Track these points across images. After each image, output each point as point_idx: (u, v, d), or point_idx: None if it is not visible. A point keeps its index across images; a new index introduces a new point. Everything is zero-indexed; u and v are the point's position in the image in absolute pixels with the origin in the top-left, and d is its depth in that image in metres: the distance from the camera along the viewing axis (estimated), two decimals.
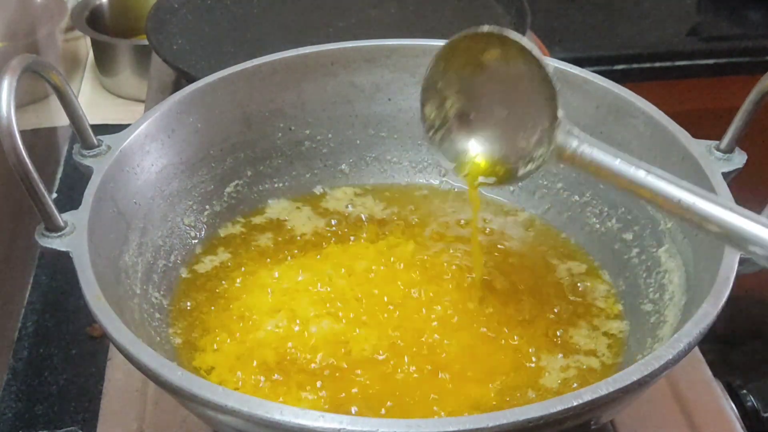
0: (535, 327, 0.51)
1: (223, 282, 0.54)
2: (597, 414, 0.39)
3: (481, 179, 0.48)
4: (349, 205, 0.61)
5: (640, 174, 0.40)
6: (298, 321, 0.51)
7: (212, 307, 0.53)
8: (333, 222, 0.59)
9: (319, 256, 0.56)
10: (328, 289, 0.53)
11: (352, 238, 0.58)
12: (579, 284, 0.54)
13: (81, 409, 0.69)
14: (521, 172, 0.46)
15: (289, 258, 0.56)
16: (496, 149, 0.47)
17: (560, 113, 0.42)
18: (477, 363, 0.48)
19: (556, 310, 0.52)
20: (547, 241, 0.58)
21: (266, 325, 0.51)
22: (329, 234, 0.58)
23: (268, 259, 0.56)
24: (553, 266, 0.56)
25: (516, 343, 0.50)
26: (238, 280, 0.55)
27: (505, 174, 0.47)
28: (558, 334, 0.51)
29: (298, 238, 0.58)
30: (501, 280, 0.54)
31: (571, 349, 0.50)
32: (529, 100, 0.44)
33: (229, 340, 0.50)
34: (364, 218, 0.60)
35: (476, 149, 0.48)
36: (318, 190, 0.62)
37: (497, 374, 0.48)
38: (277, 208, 0.60)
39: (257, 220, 0.59)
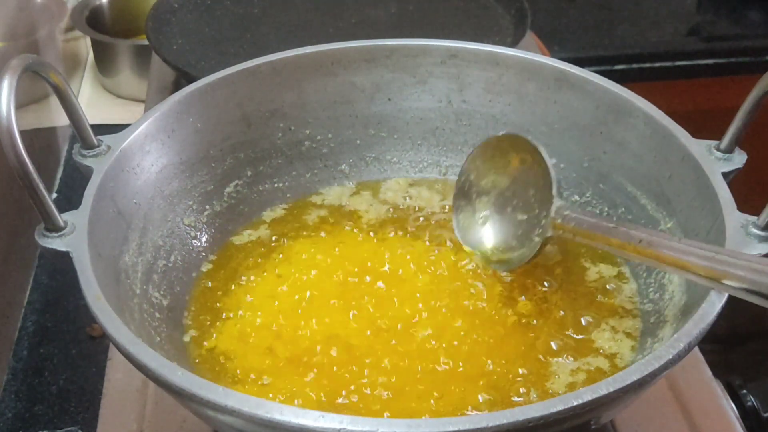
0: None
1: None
2: (597, 414, 0.39)
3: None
4: (407, 197, 0.61)
5: (610, 225, 0.47)
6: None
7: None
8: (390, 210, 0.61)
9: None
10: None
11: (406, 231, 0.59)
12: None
13: (81, 409, 0.69)
14: (528, 254, 0.52)
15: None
16: (506, 240, 0.54)
17: (554, 191, 0.50)
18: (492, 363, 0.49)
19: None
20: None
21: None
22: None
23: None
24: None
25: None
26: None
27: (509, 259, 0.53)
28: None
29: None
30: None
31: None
32: (537, 189, 0.52)
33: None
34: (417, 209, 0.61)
35: (490, 241, 0.55)
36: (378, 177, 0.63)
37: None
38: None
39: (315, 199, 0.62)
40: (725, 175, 0.47)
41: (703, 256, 0.41)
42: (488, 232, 0.55)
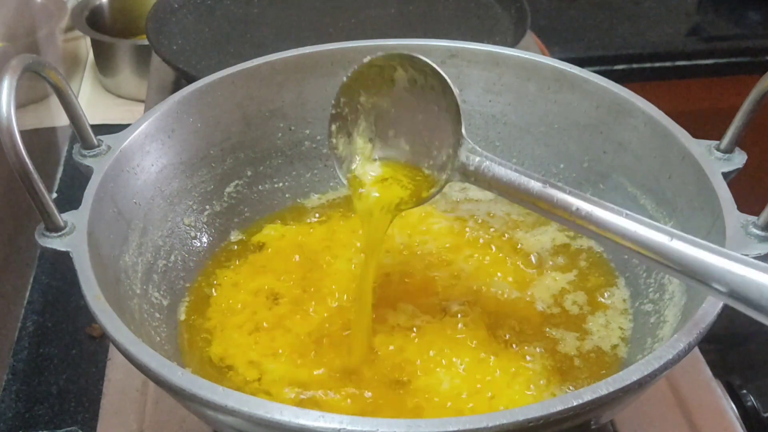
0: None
1: None
2: (597, 414, 0.39)
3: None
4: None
5: (536, 186, 0.42)
6: None
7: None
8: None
9: None
10: None
11: None
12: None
13: (81, 409, 0.69)
14: (431, 191, 0.46)
15: None
16: (408, 168, 0.48)
17: (463, 131, 0.44)
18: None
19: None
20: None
21: None
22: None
23: None
24: None
25: None
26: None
27: (413, 195, 0.47)
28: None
29: None
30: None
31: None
32: (437, 120, 0.45)
33: None
34: None
35: (388, 171, 0.49)
36: None
37: None
38: None
39: None
40: (725, 175, 0.47)
41: (653, 238, 0.38)
42: (372, 164, 0.49)
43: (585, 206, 0.40)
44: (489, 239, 0.57)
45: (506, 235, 0.57)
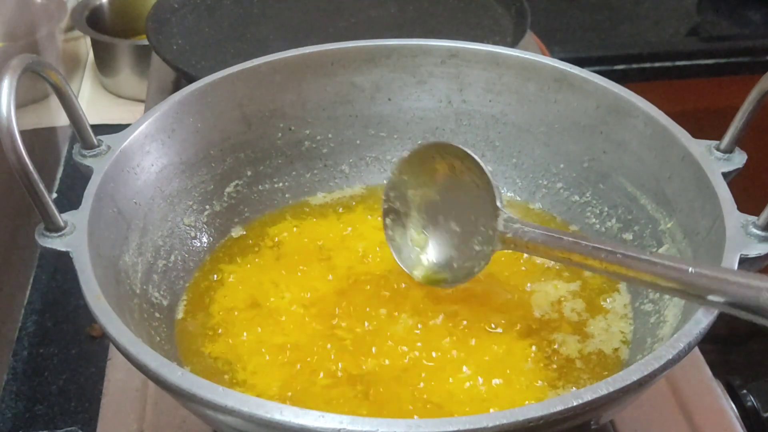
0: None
1: None
2: (597, 414, 0.39)
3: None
4: None
5: (567, 241, 0.45)
6: None
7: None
8: None
9: None
10: None
11: None
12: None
13: (81, 409, 0.69)
14: (482, 265, 0.49)
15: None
16: (453, 255, 0.51)
17: (498, 203, 0.48)
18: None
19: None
20: None
21: None
22: None
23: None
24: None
25: None
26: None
27: (467, 273, 0.50)
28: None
29: None
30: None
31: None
32: (477, 197, 0.49)
33: None
34: None
35: (438, 259, 0.52)
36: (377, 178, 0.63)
37: None
38: None
39: None
40: (725, 175, 0.47)
41: (675, 270, 0.40)
42: (426, 251, 0.53)
43: (613, 252, 0.42)
44: None
45: None
